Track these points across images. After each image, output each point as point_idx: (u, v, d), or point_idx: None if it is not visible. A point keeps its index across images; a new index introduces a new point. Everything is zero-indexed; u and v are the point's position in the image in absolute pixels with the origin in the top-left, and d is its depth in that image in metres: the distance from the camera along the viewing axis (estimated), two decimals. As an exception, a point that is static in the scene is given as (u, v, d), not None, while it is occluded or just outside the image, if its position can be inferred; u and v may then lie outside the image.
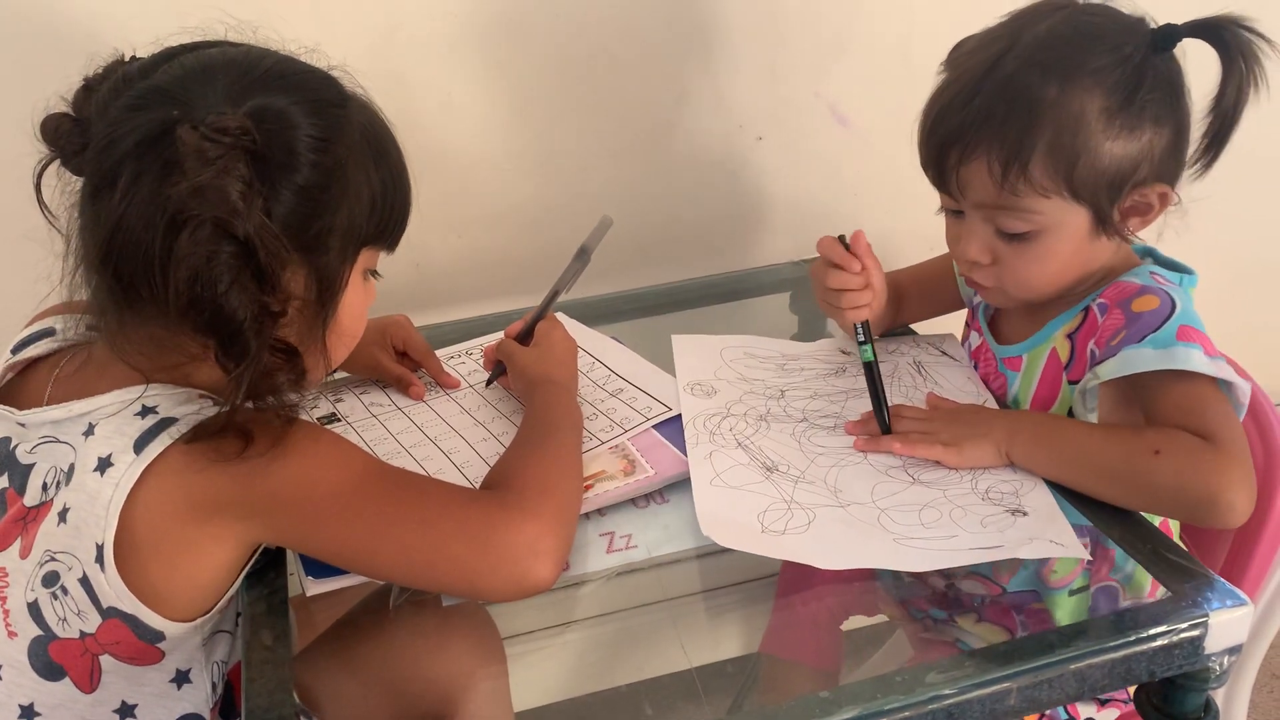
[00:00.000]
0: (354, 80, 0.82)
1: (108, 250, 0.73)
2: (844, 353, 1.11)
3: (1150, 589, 0.79)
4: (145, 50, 0.81)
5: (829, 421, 0.98)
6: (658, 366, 1.09)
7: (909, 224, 1.46)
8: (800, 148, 1.39)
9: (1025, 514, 0.85)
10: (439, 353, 1.13)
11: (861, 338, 0.95)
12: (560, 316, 1.18)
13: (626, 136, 1.33)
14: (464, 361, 1.15)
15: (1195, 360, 0.82)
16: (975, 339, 1.06)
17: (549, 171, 1.32)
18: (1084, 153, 0.84)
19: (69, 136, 0.77)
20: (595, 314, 1.23)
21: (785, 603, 0.99)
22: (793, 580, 0.97)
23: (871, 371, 0.94)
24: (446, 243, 1.31)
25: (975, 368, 1.04)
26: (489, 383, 1.09)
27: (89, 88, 0.79)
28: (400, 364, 1.09)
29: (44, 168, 0.79)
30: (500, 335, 1.09)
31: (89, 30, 1.11)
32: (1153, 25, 0.87)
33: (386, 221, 0.83)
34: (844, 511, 0.87)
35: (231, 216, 0.71)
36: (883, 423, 0.94)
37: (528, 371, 0.99)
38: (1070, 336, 0.93)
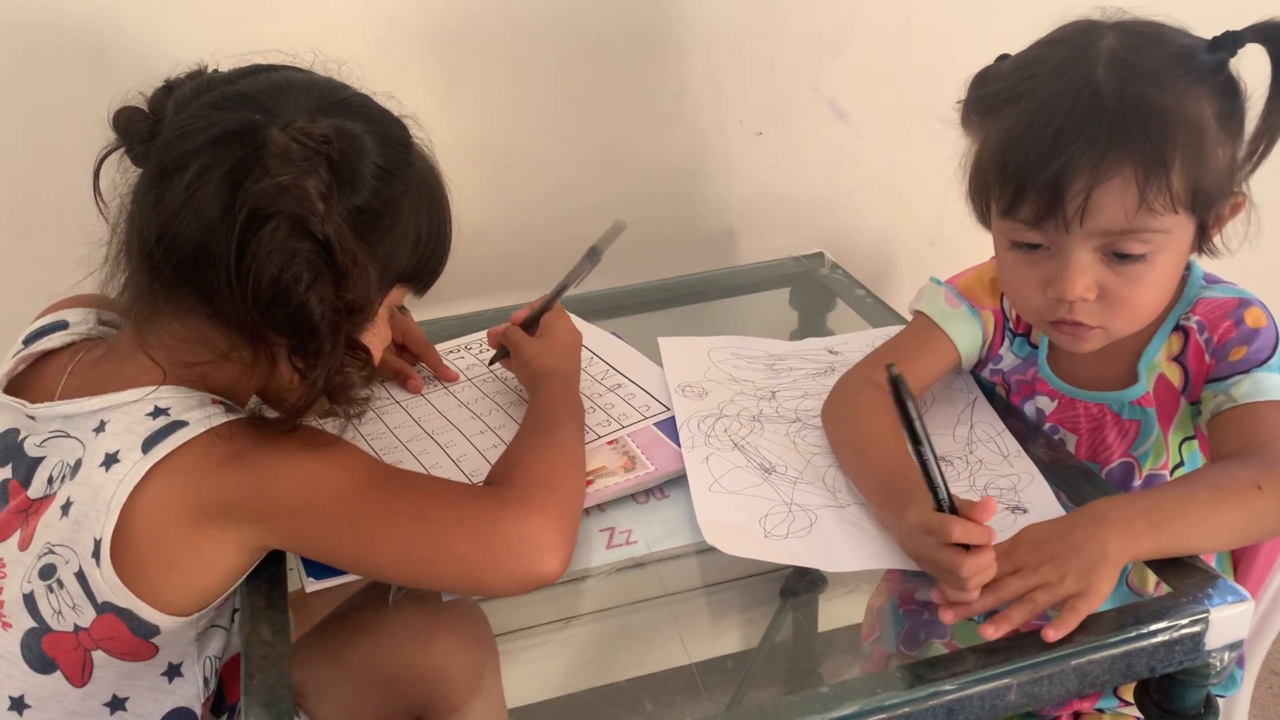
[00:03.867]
0: (421, 130, 0.84)
1: (163, 234, 0.75)
2: (831, 352, 1.11)
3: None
4: (228, 67, 0.82)
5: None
6: (657, 363, 1.09)
7: (906, 219, 1.46)
8: (800, 143, 1.39)
9: (1025, 511, 0.84)
10: (437, 347, 1.13)
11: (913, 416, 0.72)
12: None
13: (626, 131, 1.33)
14: (462, 356, 1.15)
15: None
16: (1047, 402, 0.95)
17: (548, 167, 1.32)
18: (1207, 161, 0.80)
19: (140, 126, 0.78)
20: (595, 309, 1.22)
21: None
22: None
23: (920, 450, 0.73)
24: (445, 237, 1.30)
25: (1054, 431, 0.94)
26: (493, 362, 1.08)
27: (169, 87, 0.81)
28: (399, 357, 1.09)
29: (106, 155, 0.81)
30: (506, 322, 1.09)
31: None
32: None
33: (425, 264, 0.85)
34: (844, 512, 0.87)
35: (312, 215, 0.73)
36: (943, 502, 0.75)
37: (532, 363, 0.99)
38: (1177, 360, 0.89)
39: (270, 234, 0.72)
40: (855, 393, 0.96)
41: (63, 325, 0.87)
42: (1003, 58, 0.88)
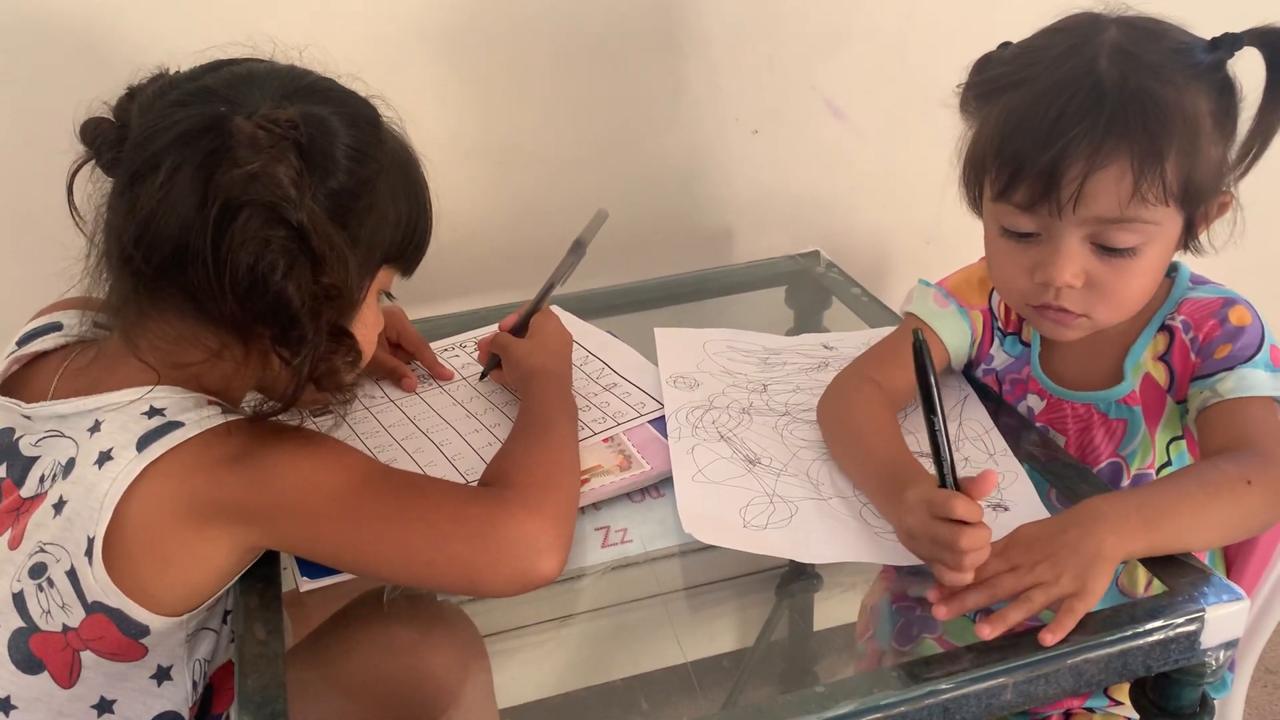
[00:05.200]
0: (390, 109, 0.84)
1: (140, 237, 0.74)
2: (826, 348, 1.11)
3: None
4: (190, 66, 0.82)
5: (811, 415, 0.98)
6: (652, 363, 1.09)
7: (903, 217, 1.46)
8: (796, 141, 1.39)
9: (1007, 509, 0.84)
10: (433, 345, 1.13)
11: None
12: (555, 310, 1.18)
13: (622, 129, 1.33)
14: (457, 355, 1.15)
15: None
16: (1037, 401, 0.96)
17: (545, 165, 1.32)
18: (1200, 157, 0.80)
19: (107, 136, 0.78)
20: (590, 308, 1.22)
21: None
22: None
23: (934, 420, 0.74)
24: (441, 235, 1.30)
25: (1046, 431, 0.95)
26: (483, 375, 1.08)
27: (132, 94, 0.80)
28: (394, 356, 1.09)
29: (78, 168, 0.80)
30: (494, 328, 1.09)
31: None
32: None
33: (409, 242, 0.85)
34: (826, 505, 0.87)
35: (284, 202, 0.72)
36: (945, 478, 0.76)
37: (523, 363, 0.99)
38: (1163, 359, 0.90)
39: (244, 224, 0.72)
40: (852, 389, 0.96)
41: (57, 327, 0.86)
42: (1005, 45, 0.89)
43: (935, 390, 0.74)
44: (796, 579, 0.93)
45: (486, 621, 0.88)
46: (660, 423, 0.99)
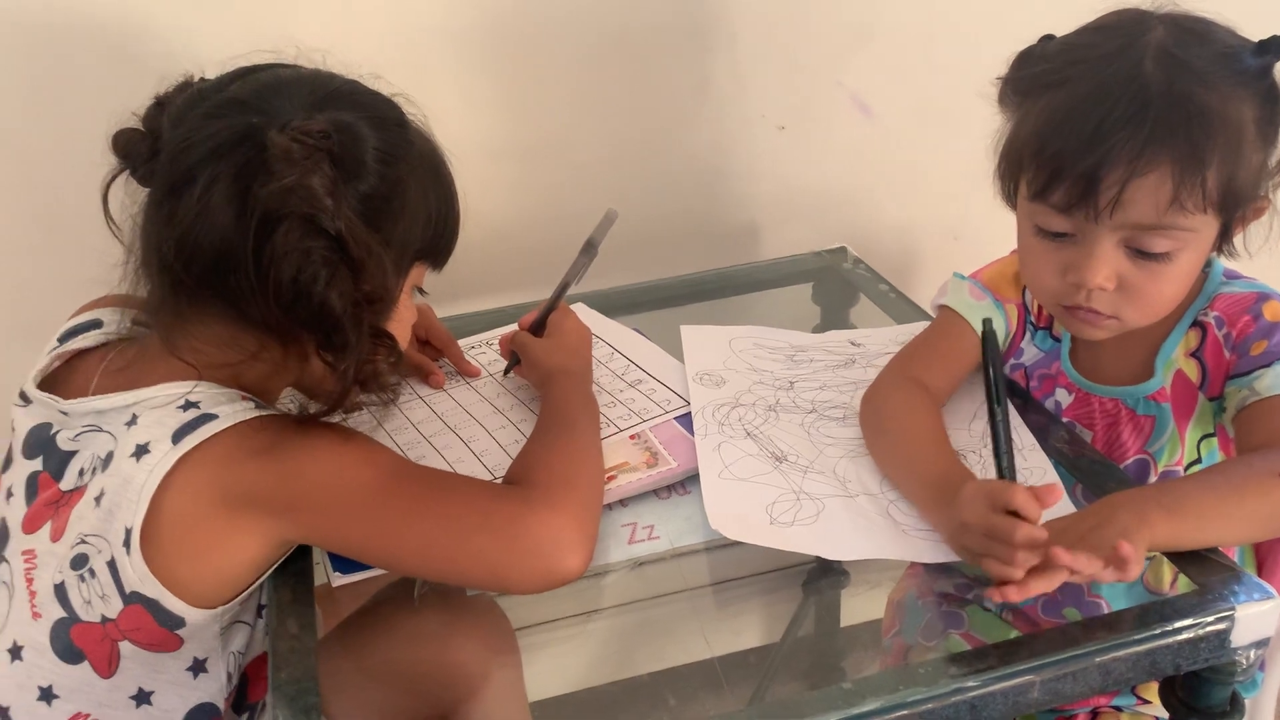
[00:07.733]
0: (413, 106, 0.85)
1: (180, 248, 0.76)
2: (853, 344, 1.11)
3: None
4: (215, 72, 0.83)
5: (838, 412, 0.98)
6: (678, 360, 1.09)
7: (930, 213, 1.46)
8: (822, 137, 1.39)
9: None
10: (460, 342, 1.13)
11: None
12: (581, 308, 1.18)
13: (647, 126, 1.33)
14: (484, 352, 1.15)
15: None
16: (1065, 395, 0.95)
17: (569, 162, 1.32)
18: (1242, 164, 0.79)
19: (139, 147, 0.79)
20: (616, 305, 1.23)
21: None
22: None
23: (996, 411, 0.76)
24: (468, 234, 1.30)
25: (1074, 426, 0.94)
26: (506, 371, 1.09)
27: (161, 104, 0.82)
28: (422, 353, 1.10)
29: (112, 179, 0.82)
30: (515, 326, 1.10)
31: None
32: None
33: (439, 239, 0.86)
34: (853, 502, 0.87)
35: (322, 212, 0.74)
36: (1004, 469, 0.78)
37: (542, 363, 1.00)
38: (1195, 355, 0.89)
39: (284, 236, 0.74)
40: (897, 389, 0.96)
41: (97, 324, 0.88)
42: (1048, 38, 0.88)
43: (999, 383, 0.75)
44: (823, 575, 0.93)
45: (514, 616, 0.88)
46: (686, 420, 0.99)
